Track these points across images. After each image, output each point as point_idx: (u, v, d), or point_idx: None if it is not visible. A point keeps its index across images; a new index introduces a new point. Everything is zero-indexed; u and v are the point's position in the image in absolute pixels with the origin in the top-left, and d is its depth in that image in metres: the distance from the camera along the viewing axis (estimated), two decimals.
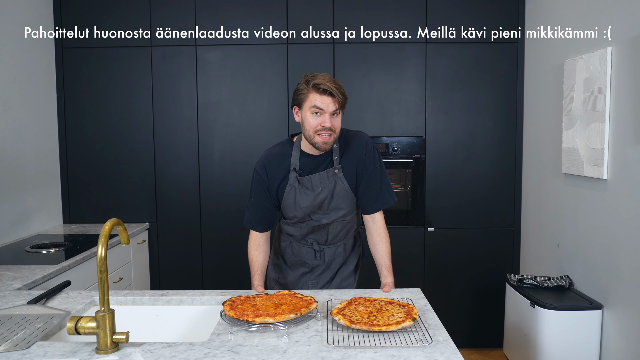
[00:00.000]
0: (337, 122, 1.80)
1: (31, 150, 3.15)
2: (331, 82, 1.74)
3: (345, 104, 1.79)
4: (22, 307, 1.67)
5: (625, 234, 2.28)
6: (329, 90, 1.73)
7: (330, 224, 1.97)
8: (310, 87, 1.76)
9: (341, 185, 1.90)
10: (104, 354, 1.30)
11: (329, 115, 1.76)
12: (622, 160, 2.29)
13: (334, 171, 1.89)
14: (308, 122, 1.79)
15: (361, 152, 1.92)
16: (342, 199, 1.92)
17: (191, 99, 3.43)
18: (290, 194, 1.90)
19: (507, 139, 3.43)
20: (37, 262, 2.38)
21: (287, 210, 1.95)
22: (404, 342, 1.37)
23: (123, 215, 3.42)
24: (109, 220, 1.34)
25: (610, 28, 2.38)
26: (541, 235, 3.16)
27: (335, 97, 1.74)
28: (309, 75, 1.78)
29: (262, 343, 1.38)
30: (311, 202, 1.90)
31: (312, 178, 1.88)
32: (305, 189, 1.89)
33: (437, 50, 3.38)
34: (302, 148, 1.91)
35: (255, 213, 1.98)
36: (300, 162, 1.90)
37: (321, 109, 1.75)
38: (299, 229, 1.99)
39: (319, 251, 2.01)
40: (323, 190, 1.89)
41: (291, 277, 2.07)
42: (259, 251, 2.00)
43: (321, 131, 1.77)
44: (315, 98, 1.75)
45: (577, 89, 2.62)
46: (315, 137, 1.79)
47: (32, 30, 3.18)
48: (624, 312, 2.32)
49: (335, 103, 1.76)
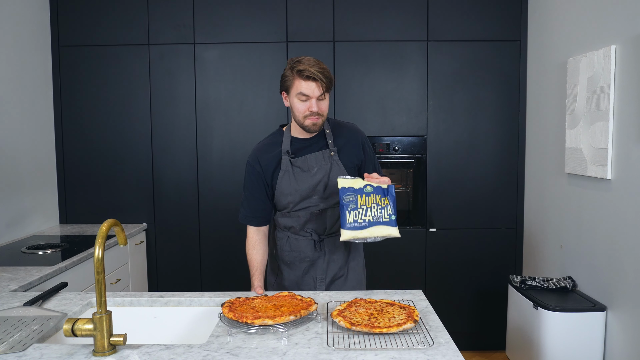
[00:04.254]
0: (324, 105, 1.85)
1: (27, 150, 3.13)
2: (315, 67, 1.77)
3: (330, 86, 1.83)
4: (18, 309, 1.66)
5: (629, 234, 2.26)
6: (313, 76, 1.77)
7: (328, 210, 1.95)
8: (294, 73, 1.80)
9: (337, 168, 1.92)
10: (101, 356, 1.29)
11: (315, 100, 1.81)
12: (626, 160, 2.27)
13: (330, 153, 1.92)
14: (296, 108, 1.84)
15: (357, 140, 1.98)
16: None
17: (189, 98, 3.41)
18: (284, 179, 1.91)
19: (510, 138, 3.41)
20: (33, 263, 2.36)
21: (282, 197, 1.93)
22: (405, 344, 1.36)
23: (120, 216, 3.40)
24: (106, 221, 1.33)
25: (614, 25, 2.35)
26: (544, 236, 3.13)
27: (319, 82, 1.78)
28: (294, 60, 1.82)
29: (262, 345, 1.36)
30: (307, 183, 1.90)
31: (308, 158, 1.91)
32: (300, 170, 1.91)
33: (439, 49, 3.36)
34: (292, 134, 1.95)
35: (250, 206, 1.98)
36: (292, 147, 1.93)
37: (307, 95, 1.80)
38: (297, 219, 1.96)
39: (319, 242, 1.98)
40: (319, 171, 1.90)
41: (292, 276, 2.03)
42: (257, 250, 1.98)
43: (309, 115, 1.83)
44: (301, 84, 1.79)
45: (580, 88, 2.60)
46: (304, 121, 1.85)
47: (29, 28, 3.16)
48: (628, 313, 2.29)
49: (320, 88, 1.79)
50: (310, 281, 2.01)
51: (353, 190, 1.73)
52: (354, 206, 1.72)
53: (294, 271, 2.02)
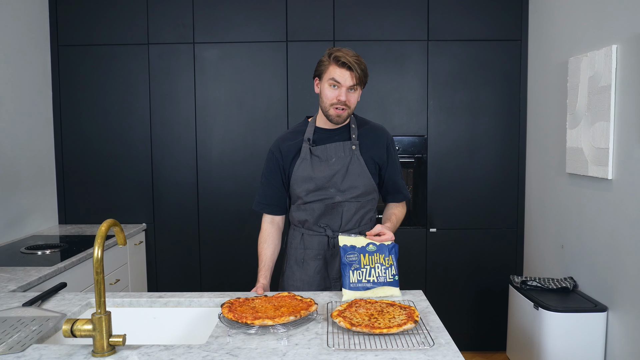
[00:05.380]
0: (354, 98, 1.84)
1: (26, 150, 3.12)
2: (352, 57, 1.78)
3: (365, 80, 1.83)
4: (17, 310, 1.65)
5: (630, 234, 2.25)
6: (348, 64, 1.76)
7: (344, 203, 1.91)
8: (331, 59, 1.80)
9: (357, 162, 1.90)
10: (101, 357, 1.29)
11: (345, 90, 1.80)
12: (627, 160, 2.26)
13: (351, 146, 1.90)
14: (325, 94, 1.83)
15: (382, 140, 1.96)
16: (357, 176, 1.90)
17: (189, 98, 3.40)
18: (301, 166, 1.90)
19: (510, 138, 3.40)
20: (32, 263, 2.36)
21: (296, 184, 1.91)
22: (406, 345, 1.35)
23: (120, 216, 3.39)
24: (105, 221, 1.33)
25: (614, 25, 2.35)
26: (545, 236, 3.12)
27: (354, 71, 1.77)
28: (333, 49, 1.83)
29: (261, 346, 1.36)
30: (324, 172, 1.88)
31: (328, 147, 1.90)
32: (318, 159, 1.90)
33: (439, 48, 3.36)
34: (317, 124, 1.95)
35: (265, 194, 1.97)
36: (315, 136, 1.93)
37: (338, 82, 1.79)
38: (311, 212, 1.92)
39: (333, 238, 1.94)
40: (337, 161, 1.89)
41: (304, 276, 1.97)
42: (268, 244, 1.97)
43: (337, 104, 1.82)
44: (335, 71, 1.79)
45: (581, 88, 2.59)
46: (330, 110, 1.84)
47: (27, 27, 3.15)
48: (629, 314, 2.28)
49: (354, 78, 1.79)
50: (322, 281, 1.97)
51: (355, 249, 1.71)
52: (357, 266, 1.71)
53: (305, 270, 1.97)
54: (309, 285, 1.96)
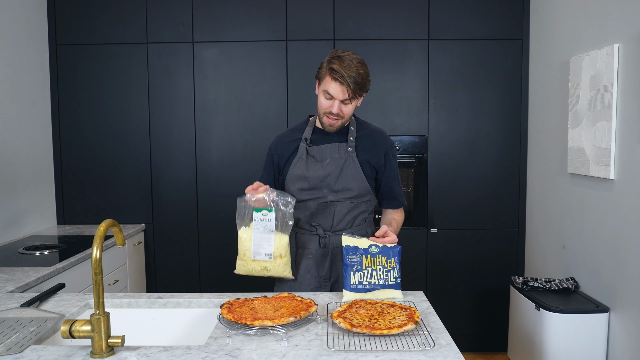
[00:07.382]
0: (348, 109, 1.83)
1: (24, 150, 3.11)
2: (350, 70, 1.74)
3: (365, 90, 1.81)
4: (15, 310, 1.65)
5: (632, 235, 2.24)
6: (340, 79, 1.74)
7: (336, 203, 1.92)
8: (327, 69, 1.77)
9: (352, 164, 1.90)
10: (99, 358, 1.28)
11: (338, 102, 1.80)
12: (629, 160, 2.25)
13: (347, 148, 1.90)
14: (319, 102, 1.84)
15: (381, 146, 1.95)
16: (351, 178, 1.90)
17: (188, 97, 3.39)
18: (296, 166, 1.91)
19: (512, 138, 3.39)
20: (30, 264, 2.35)
21: (290, 183, 1.93)
22: (406, 346, 1.34)
23: (118, 216, 3.38)
24: (104, 221, 1.33)
25: (616, 24, 2.34)
26: (546, 237, 3.11)
27: (346, 86, 1.75)
28: (336, 53, 1.79)
29: (261, 347, 1.35)
30: (317, 173, 1.89)
31: (323, 148, 1.91)
32: (313, 159, 1.91)
33: (440, 47, 3.35)
34: (316, 124, 1.96)
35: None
36: (313, 136, 1.94)
37: (331, 95, 1.79)
38: (305, 210, 1.94)
39: (324, 237, 1.95)
40: (331, 162, 1.89)
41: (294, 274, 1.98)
42: None
43: (329, 114, 1.83)
44: (329, 84, 1.78)
45: (583, 87, 2.58)
46: (323, 117, 1.86)
47: (26, 27, 3.14)
48: (631, 315, 2.27)
49: (346, 93, 1.77)
50: (312, 280, 1.97)
51: (358, 250, 1.71)
52: (359, 267, 1.70)
53: (296, 269, 1.98)
54: (299, 285, 1.97)
